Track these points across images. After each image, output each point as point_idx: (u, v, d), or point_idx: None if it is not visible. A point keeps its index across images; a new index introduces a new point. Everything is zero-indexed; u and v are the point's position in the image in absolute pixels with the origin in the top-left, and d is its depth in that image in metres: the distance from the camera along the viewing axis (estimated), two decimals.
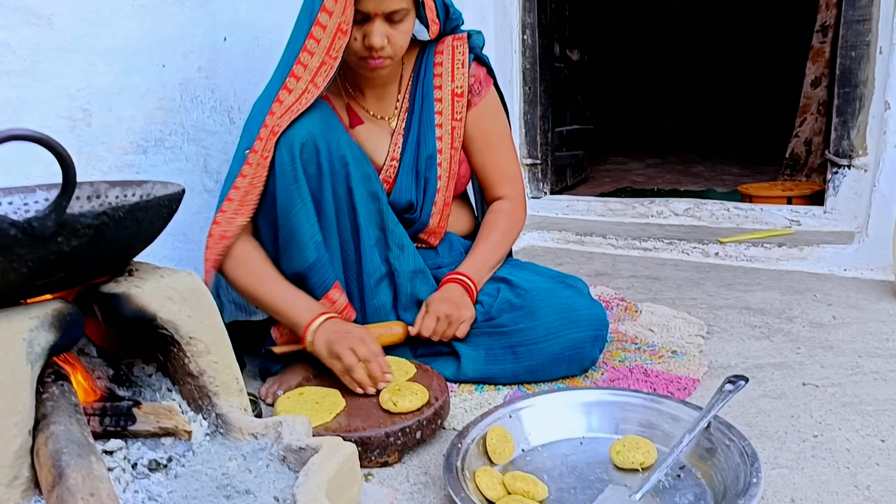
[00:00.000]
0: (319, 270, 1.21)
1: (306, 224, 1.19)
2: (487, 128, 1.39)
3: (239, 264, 1.21)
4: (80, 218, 0.68)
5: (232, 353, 0.89)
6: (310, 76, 1.16)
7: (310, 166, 1.18)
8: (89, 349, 0.89)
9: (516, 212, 1.44)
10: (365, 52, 1.19)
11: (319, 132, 1.18)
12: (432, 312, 1.24)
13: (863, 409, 1.12)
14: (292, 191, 1.17)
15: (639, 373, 1.28)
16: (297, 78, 1.17)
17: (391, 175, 1.34)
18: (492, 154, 1.41)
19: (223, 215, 1.19)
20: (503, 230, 1.40)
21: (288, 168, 1.17)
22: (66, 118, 1.25)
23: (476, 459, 0.96)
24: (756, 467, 0.85)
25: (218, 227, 1.19)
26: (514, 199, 1.44)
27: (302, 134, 1.17)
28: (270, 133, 1.16)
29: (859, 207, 2.04)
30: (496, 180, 1.43)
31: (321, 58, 1.16)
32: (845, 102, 2.04)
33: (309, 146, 1.17)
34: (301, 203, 1.18)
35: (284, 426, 0.83)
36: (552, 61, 2.83)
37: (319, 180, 1.19)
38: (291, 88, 1.17)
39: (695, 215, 2.45)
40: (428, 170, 1.34)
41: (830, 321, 1.54)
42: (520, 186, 1.46)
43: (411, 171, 1.34)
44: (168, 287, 0.82)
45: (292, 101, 1.16)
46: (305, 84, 1.17)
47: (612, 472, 0.96)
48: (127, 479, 0.78)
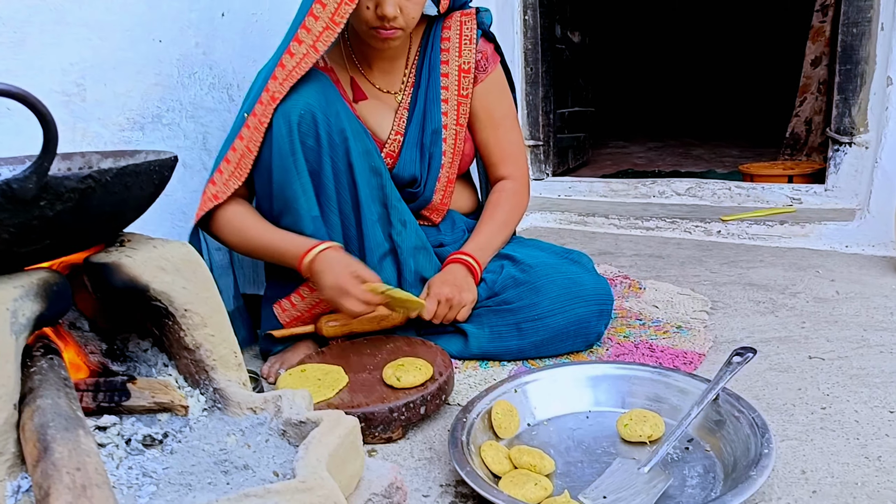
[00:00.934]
0: None
1: (302, 197, 1.16)
2: (492, 105, 1.36)
3: (229, 222, 1.20)
4: (64, 181, 0.65)
5: (229, 326, 0.86)
6: (312, 40, 1.14)
7: (308, 139, 1.15)
8: (81, 323, 0.86)
9: (520, 192, 1.40)
10: (377, 22, 1.16)
11: (318, 104, 1.15)
12: (433, 296, 1.21)
13: (870, 381, 1.10)
14: (289, 164, 1.15)
15: (644, 348, 1.26)
16: (300, 42, 1.14)
17: (395, 149, 1.31)
18: (496, 132, 1.38)
19: (220, 176, 1.18)
20: (507, 210, 1.37)
21: (285, 140, 1.14)
22: (59, 92, 1.22)
23: (481, 434, 0.94)
24: (767, 438, 0.83)
25: (213, 187, 1.18)
26: (517, 179, 1.41)
27: (300, 105, 1.14)
28: (271, 98, 1.14)
29: (860, 185, 2.02)
30: (499, 159, 1.40)
31: (325, 23, 1.13)
32: (846, 79, 2.02)
33: (307, 118, 1.14)
34: (297, 176, 1.15)
35: (284, 400, 0.80)
36: (553, 42, 2.80)
37: (318, 153, 1.16)
38: (294, 52, 1.14)
39: (696, 195, 2.43)
40: (433, 144, 1.32)
41: (834, 296, 1.52)
42: (524, 167, 1.43)
43: (416, 145, 1.31)
44: (160, 257, 0.79)
45: (293, 66, 1.14)
46: (307, 48, 1.14)
47: (620, 446, 0.94)
48: (121, 455, 0.75)
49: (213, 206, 1.18)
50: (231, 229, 1.20)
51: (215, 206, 1.18)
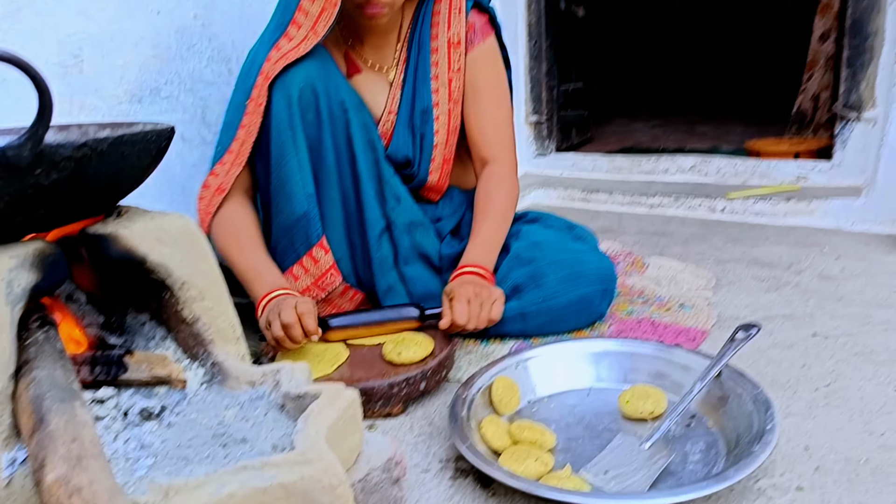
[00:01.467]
0: (307, 223, 1.17)
1: (298, 174, 1.14)
2: (476, 75, 1.27)
3: (222, 223, 1.17)
4: (60, 149, 0.63)
5: (229, 299, 0.85)
6: (311, 23, 1.11)
7: (308, 112, 1.13)
8: (78, 296, 0.86)
9: (509, 178, 1.29)
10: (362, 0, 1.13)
11: (318, 77, 1.13)
12: (461, 296, 1.09)
13: (875, 358, 1.10)
14: (286, 138, 1.13)
15: (646, 325, 1.25)
16: (298, 25, 1.12)
17: (388, 129, 1.28)
18: (479, 102, 1.27)
19: (222, 167, 1.16)
20: (501, 202, 1.27)
21: (284, 115, 1.12)
22: (56, 64, 1.20)
23: (482, 409, 0.93)
24: (770, 414, 0.83)
25: (216, 179, 1.16)
26: (502, 162, 1.29)
27: (299, 79, 1.12)
28: (265, 79, 1.12)
29: (867, 161, 2.00)
30: (481, 134, 1.29)
31: (321, 5, 1.10)
32: (855, 54, 1.98)
33: (307, 92, 1.12)
34: (294, 152, 1.14)
35: (283, 373, 0.80)
36: (557, 17, 2.75)
37: (318, 127, 1.14)
38: (292, 36, 1.12)
39: (701, 171, 2.40)
40: (424, 124, 1.27)
41: (839, 274, 1.51)
42: (510, 149, 1.31)
43: (407, 125, 1.28)
44: (158, 229, 0.78)
45: (290, 49, 1.12)
46: (306, 32, 1.12)
47: (621, 422, 0.94)
48: (118, 429, 0.74)
49: (221, 198, 1.16)
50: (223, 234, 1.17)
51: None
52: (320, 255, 1.18)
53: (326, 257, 1.19)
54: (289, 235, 1.18)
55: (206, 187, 1.16)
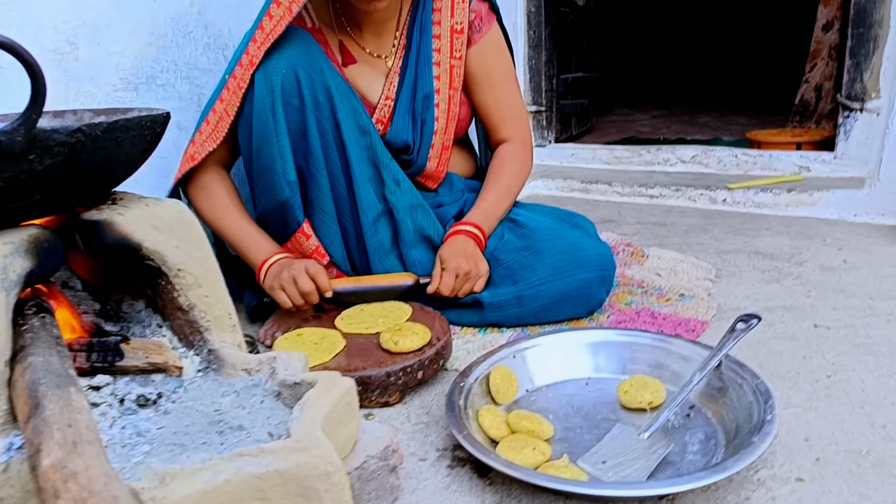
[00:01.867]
0: (289, 210, 1.18)
1: (279, 161, 1.15)
2: (489, 65, 1.32)
3: (205, 193, 1.21)
4: (53, 134, 0.62)
5: (224, 287, 0.85)
6: (288, 1, 1.12)
7: (292, 98, 1.13)
8: (74, 283, 0.85)
9: (523, 154, 1.37)
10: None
11: (300, 62, 1.13)
12: (451, 269, 1.17)
13: (877, 349, 1.09)
14: (268, 125, 1.13)
15: (646, 315, 1.24)
16: (278, 4, 1.12)
17: (386, 115, 1.27)
18: (495, 93, 1.34)
19: (199, 136, 1.18)
20: (511, 175, 1.33)
21: (266, 101, 1.12)
22: (52, 51, 1.19)
23: (479, 399, 0.93)
24: (770, 405, 0.82)
25: (192, 147, 1.18)
26: (519, 140, 1.37)
27: (282, 65, 1.12)
28: (250, 62, 1.12)
29: (871, 152, 1.98)
30: (500, 121, 1.36)
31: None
32: (859, 44, 1.96)
33: (290, 77, 1.12)
34: (276, 139, 1.13)
35: (279, 361, 0.79)
36: (557, 5, 2.73)
37: (303, 113, 1.14)
38: (273, 14, 1.12)
39: (702, 162, 2.39)
40: (425, 110, 1.28)
41: (841, 265, 1.50)
42: (525, 128, 1.39)
43: (408, 110, 1.27)
44: (153, 216, 0.78)
45: (272, 27, 1.12)
46: (283, 11, 1.12)
47: (620, 412, 0.93)
48: (114, 415, 0.74)
49: (189, 167, 1.18)
50: (203, 200, 1.22)
51: (192, 168, 1.18)
52: (303, 240, 1.21)
53: (309, 242, 1.21)
54: (271, 221, 1.21)
55: (184, 152, 1.20)
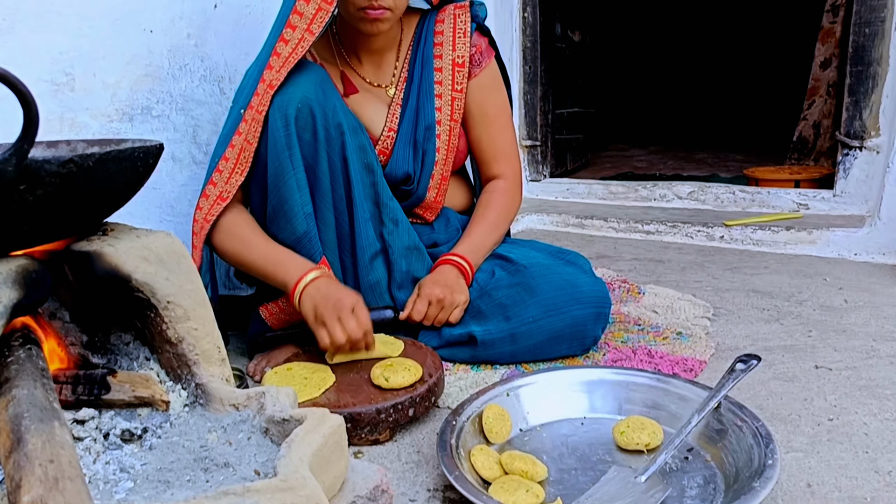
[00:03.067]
0: (308, 243, 1.16)
1: (297, 193, 1.13)
2: (485, 101, 1.33)
3: (226, 230, 1.15)
4: (45, 165, 0.62)
5: (213, 320, 0.83)
6: (305, 24, 1.11)
7: (305, 133, 1.12)
8: (62, 314, 0.84)
9: (512, 191, 1.37)
10: (365, 2, 1.13)
11: (315, 98, 1.12)
12: (424, 296, 1.19)
13: (880, 392, 1.07)
14: (284, 158, 1.12)
15: (642, 354, 1.23)
16: (293, 28, 1.11)
17: (388, 146, 1.28)
18: (489, 129, 1.35)
19: (219, 175, 1.14)
20: (499, 210, 1.34)
21: (281, 134, 1.11)
22: (48, 81, 1.20)
23: (472, 438, 0.91)
24: (771, 448, 0.80)
25: (214, 188, 1.14)
26: (510, 178, 1.37)
27: (297, 99, 1.11)
28: (268, 87, 1.10)
29: (871, 190, 1.99)
30: (492, 157, 1.36)
31: (317, 4, 1.10)
32: (858, 81, 1.98)
33: (304, 112, 1.11)
34: (292, 171, 1.12)
35: (268, 397, 0.78)
36: (553, 41, 2.77)
37: (315, 148, 1.13)
38: (288, 39, 1.11)
39: (699, 199, 2.39)
40: (426, 141, 1.29)
41: (842, 305, 1.48)
42: (517, 166, 1.39)
43: (409, 141, 1.28)
44: (144, 247, 0.77)
45: (289, 53, 1.11)
46: (301, 32, 1.11)
47: (616, 454, 0.91)
48: (98, 450, 0.72)
49: (222, 206, 1.13)
50: (229, 238, 1.15)
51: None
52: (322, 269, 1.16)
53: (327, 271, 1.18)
54: None
55: (205, 197, 1.14)
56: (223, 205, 1.14)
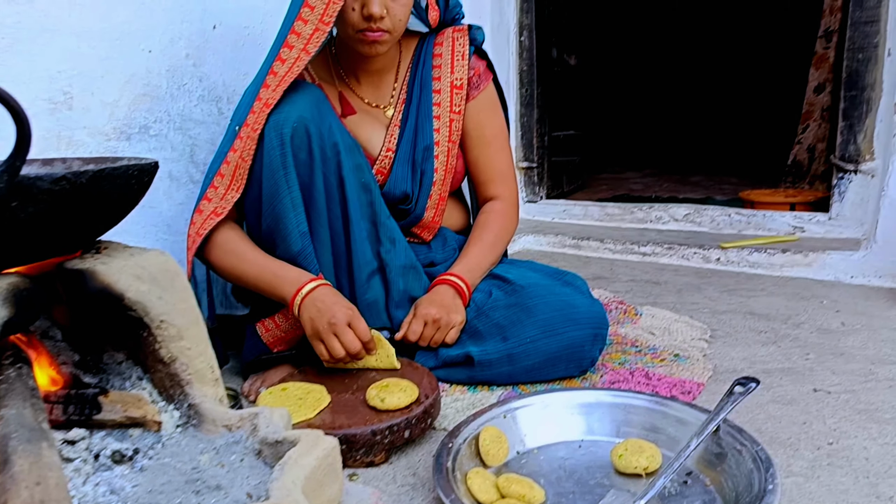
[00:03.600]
0: (303, 261, 1.15)
1: (292, 212, 1.13)
2: (483, 122, 1.35)
3: (221, 246, 1.16)
4: (37, 181, 0.62)
5: (207, 339, 0.82)
6: (302, 44, 1.12)
7: (300, 152, 1.12)
8: (54, 333, 0.83)
9: (509, 213, 1.38)
10: (363, 24, 1.14)
11: (311, 117, 1.12)
12: (420, 316, 1.18)
13: (879, 416, 1.06)
14: (279, 177, 1.12)
15: (640, 376, 1.22)
16: (290, 47, 1.12)
17: (386, 166, 1.28)
18: (486, 150, 1.36)
19: (214, 191, 1.15)
20: (496, 231, 1.34)
21: (276, 153, 1.11)
22: (45, 100, 1.20)
23: (468, 461, 0.89)
24: (771, 473, 0.79)
25: (209, 203, 1.14)
26: (506, 199, 1.38)
27: (293, 118, 1.11)
28: (264, 105, 1.11)
29: (866, 214, 1.99)
30: (488, 178, 1.37)
31: (314, 25, 1.11)
32: (852, 106, 2.00)
33: (300, 131, 1.11)
34: (287, 190, 1.12)
35: (261, 418, 0.77)
36: (549, 65, 2.79)
37: (310, 167, 1.13)
38: (285, 59, 1.12)
39: (695, 221, 2.40)
40: (425, 161, 1.29)
41: (839, 328, 1.48)
42: (513, 187, 1.40)
43: (408, 161, 1.28)
44: (137, 266, 0.76)
45: (285, 72, 1.11)
46: (298, 52, 1.12)
47: (614, 477, 0.90)
48: (88, 471, 0.71)
49: (216, 221, 1.14)
50: (225, 254, 1.16)
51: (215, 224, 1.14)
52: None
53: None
54: None
55: (198, 212, 1.15)
56: (216, 220, 1.14)
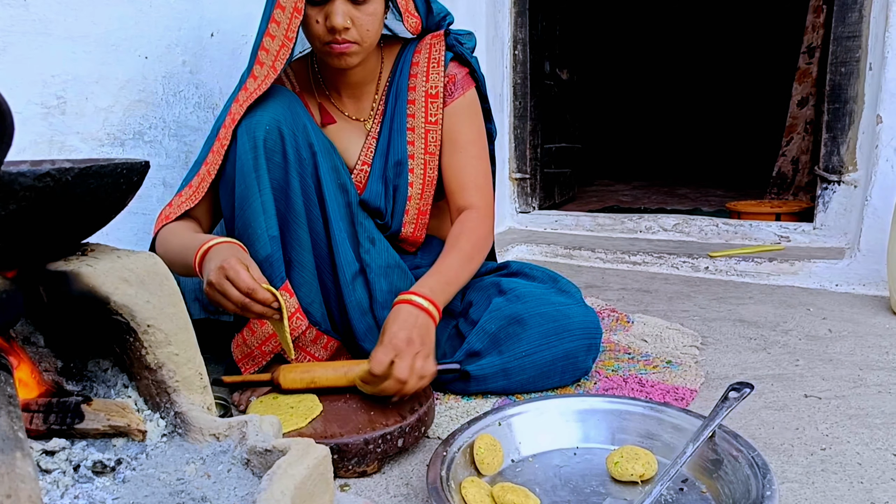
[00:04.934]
0: (270, 266, 1.11)
1: (261, 216, 1.10)
2: (456, 128, 1.26)
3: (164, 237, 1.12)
4: (19, 178, 0.59)
5: (196, 345, 0.80)
6: (271, 61, 1.11)
7: (274, 155, 1.10)
8: (36, 338, 0.80)
9: (483, 224, 1.25)
10: (328, 37, 1.12)
11: (284, 119, 1.11)
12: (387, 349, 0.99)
13: (870, 421, 1.06)
14: (251, 181, 1.09)
15: (633, 382, 1.21)
16: (261, 64, 1.12)
17: (362, 179, 1.26)
18: (457, 156, 1.26)
19: (178, 199, 1.14)
20: (473, 243, 1.21)
21: (249, 157, 1.09)
22: (38, 104, 1.18)
23: (462, 469, 0.88)
24: (769, 479, 0.78)
25: (169, 209, 1.14)
26: (480, 209, 1.25)
27: (266, 121, 1.09)
28: (231, 120, 1.10)
29: (849, 223, 2.01)
30: (460, 186, 1.26)
31: (281, 41, 1.10)
32: (835, 118, 2.02)
33: (273, 134, 1.10)
34: (258, 194, 1.09)
35: (250, 426, 0.74)
36: (542, 78, 2.81)
37: (285, 170, 1.11)
38: (257, 75, 1.11)
39: (684, 231, 2.41)
40: (397, 177, 1.25)
41: (827, 334, 1.48)
42: (488, 198, 1.28)
43: (380, 177, 1.25)
44: (124, 268, 0.74)
45: (254, 88, 1.11)
46: (267, 70, 1.11)
47: (610, 485, 0.88)
48: (67, 483, 0.68)
49: (160, 226, 1.13)
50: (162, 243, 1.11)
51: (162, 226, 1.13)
52: (285, 298, 1.13)
53: (291, 301, 1.14)
54: None
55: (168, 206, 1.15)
56: (164, 223, 1.12)
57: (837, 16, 1.99)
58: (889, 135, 1.81)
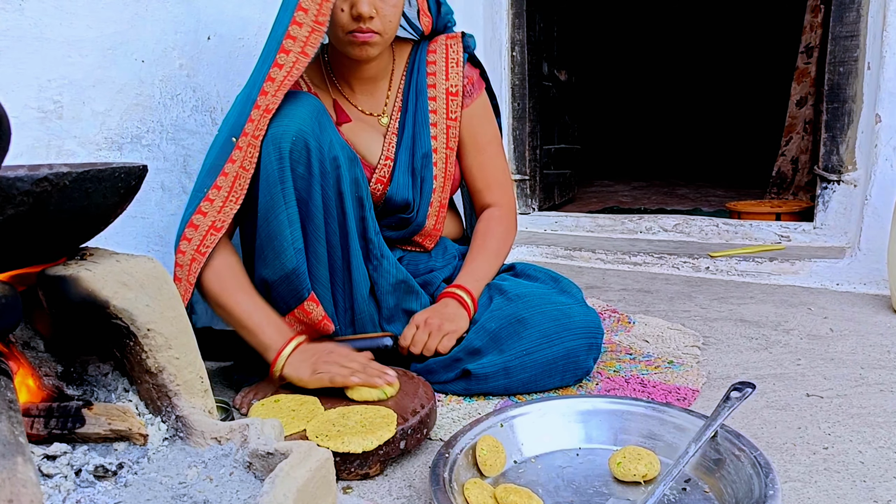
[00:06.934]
0: (296, 279, 1.11)
1: (287, 229, 1.09)
2: (477, 130, 1.35)
3: (217, 272, 1.11)
4: (17, 183, 0.59)
5: (196, 349, 0.80)
6: (299, 48, 1.09)
7: (299, 166, 1.09)
8: (36, 343, 0.80)
9: (508, 219, 1.38)
10: (352, 25, 1.13)
11: (311, 130, 1.09)
12: (411, 321, 1.20)
13: (872, 420, 1.06)
14: (276, 192, 1.08)
15: (635, 383, 1.21)
16: (287, 52, 1.09)
17: (385, 174, 1.27)
18: (480, 157, 1.36)
19: (210, 204, 1.08)
20: (499, 238, 1.35)
21: (274, 167, 1.08)
22: (35, 109, 1.18)
23: (465, 471, 0.87)
24: (772, 478, 0.78)
25: (205, 218, 1.08)
26: (504, 206, 1.38)
27: (292, 132, 1.08)
28: (264, 112, 1.07)
29: (849, 223, 2.01)
30: (485, 185, 1.37)
31: (310, 26, 1.09)
32: (834, 118, 2.02)
33: (299, 145, 1.08)
34: (284, 206, 1.09)
35: (252, 429, 0.74)
36: (540, 79, 2.82)
37: (309, 182, 1.10)
38: (282, 64, 1.09)
39: (684, 231, 2.41)
40: (424, 168, 1.29)
41: (828, 333, 1.48)
42: (510, 193, 1.40)
43: (407, 169, 1.28)
44: (123, 272, 0.74)
45: (283, 77, 1.08)
46: (296, 56, 1.09)
47: (613, 486, 0.88)
48: (68, 487, 0.68)
49: (217, 237, 1.08)
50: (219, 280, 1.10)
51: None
52: (312, 308, 1.13)
53: (318, 310, 1.14)
54: (278, 290, 1.13)
55: (192, 227, 1.08)
56: (218, 235, 1.09)
57: (835, 15, 1.99)
58: (888, 134, 1.81)
